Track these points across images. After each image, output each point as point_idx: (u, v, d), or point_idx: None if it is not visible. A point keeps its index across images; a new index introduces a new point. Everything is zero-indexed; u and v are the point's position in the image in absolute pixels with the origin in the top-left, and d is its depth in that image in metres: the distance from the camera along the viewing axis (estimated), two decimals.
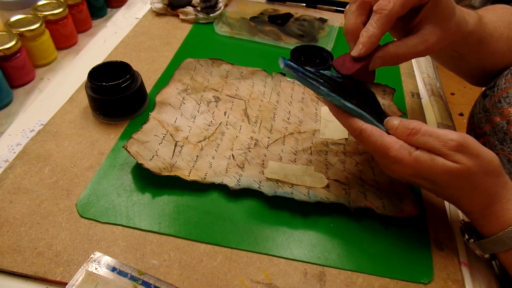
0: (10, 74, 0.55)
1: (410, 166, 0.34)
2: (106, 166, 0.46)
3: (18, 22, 0.57)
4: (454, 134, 0.33)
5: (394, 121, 0.36)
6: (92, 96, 0.49)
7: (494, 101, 0.44)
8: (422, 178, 0.35)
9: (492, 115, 0.44)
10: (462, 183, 0.34)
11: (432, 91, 0.60)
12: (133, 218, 0.41)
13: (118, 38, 0.68)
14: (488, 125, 0.44)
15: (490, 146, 0.43)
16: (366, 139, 0.36)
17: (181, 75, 0.57)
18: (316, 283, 0.37)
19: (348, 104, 0.36)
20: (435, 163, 0.33)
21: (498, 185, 0.34)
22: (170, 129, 0.49)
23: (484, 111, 0.45)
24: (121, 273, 0.35)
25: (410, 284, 0.37)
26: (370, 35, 0.36)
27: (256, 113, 0.53)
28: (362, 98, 0.39)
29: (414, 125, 0.34)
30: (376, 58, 0.38)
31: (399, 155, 0.34)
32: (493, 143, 0.43)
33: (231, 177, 0.44)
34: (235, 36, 0.70)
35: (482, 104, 0.46)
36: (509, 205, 0.34)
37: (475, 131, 0.47)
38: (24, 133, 0.49)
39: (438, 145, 0.33)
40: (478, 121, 0.46)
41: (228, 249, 0.39)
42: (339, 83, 0.39)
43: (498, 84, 0.45)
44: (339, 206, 0.42)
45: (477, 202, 0.35)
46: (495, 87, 0.45)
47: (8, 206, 0.41)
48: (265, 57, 0.66)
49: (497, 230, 0.35)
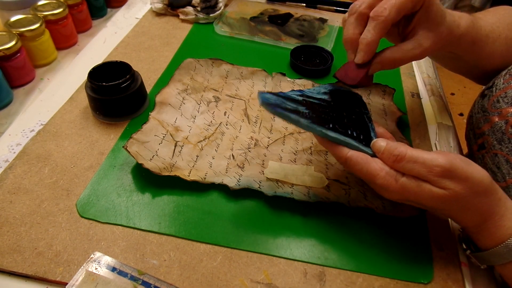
0: (10, 74, 0.55)
1: (397, 192, 0.34)
2: (106, 166, 0.46)
3: (18, 22, 0.57)
4: (441, 158, 0.32)
5: (380, 143, 0.36)
6: (92, 96, 0.49)
7: (493, 101, 0.44)
8: (410, 201, 0.36)
9: (490, 115, 0.44)
10: (451, 206, 0.34)
11: (432, 91, 0.60)
12: (133, 218, 0.41)
13: (118, 38, 0.68)
14: (487, 125, 0.44)
15: (488, 146, 0.43)
16: (352, 167, 0.36)
17: (181, 75, 0.57)
18: (316, 283, 0.37)
19: (330, 133, 0.36)
20: (421, 190, 0.33)
21: (490, 204, 0.34)
22: (170, 129, 0.49)
23: (482, 111, 0.45)
24: (121, 273, 0.35)
25: (410, 284, 0.37)
26: (369, 41, 0.39)
27: (256, 113, 0.53)
28: (348, 115, 0.39)
29: (399, 150, 0.34)
30: (374, 64, 0.41)
31: (385, 182, 0.34)
32: (492, 143, 0.43)
33: (231, 177, 0.44)
34: (235, 36, 0.70)
35: (481, 104, 0.46)
36: (502, 221, 0.34)
37: (474, 131, 0.47)
38: (24, 133, 0.49)
39: (424, 172, 0.32)
40: (477, 121, 0.46)
41: (228, 249, 0.39)
42: (323, 104, 0.39)
43: (497, 84, 0.45)
44: (339, 206, 0.42)
45: (469, 221, 0.35)
46: (494, 87, 0.45)
47: (8, 206, 0.41)
48: (265, 57, 0.66)
49: (492, 245, 0.35)
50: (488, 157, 0.43)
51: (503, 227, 0.34)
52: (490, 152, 0.43)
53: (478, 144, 0.46)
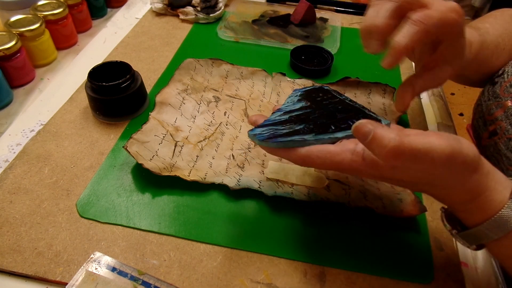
0: (10, 74, 0.55)
1: (370, 170, 0.32)
2: (106, 166, 0.46)
3: (18, 22, 0.57)
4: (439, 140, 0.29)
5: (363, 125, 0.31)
6: (92, 96, 0.49)
7: (506, 86, 0.44)
8: (388, 178, 0.33)
9: (503, 100, 0.44)
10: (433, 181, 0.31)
11: (432, 91, 0.60)
12: (133, 218, 0.41)
13: (118, 38, 0.68)
14: (500, 110, 0.44)
15: (501, 131, 0.43)
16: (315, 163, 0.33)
17: (181, 75, 0.57)
18: (316, 283, 0.37)
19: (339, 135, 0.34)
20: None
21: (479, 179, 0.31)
22: (170, 129, 0.49)
23: (494, 97, 0.45)
24: (121, 273, 0.35)
25: (410, 284, 0.37)
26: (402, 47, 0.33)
27: (256, 113, 0.53)
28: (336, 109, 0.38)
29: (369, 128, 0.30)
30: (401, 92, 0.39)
31: (353, 164, 0.31)
32: (505, 128, 0.43)
33: (231, 177, 0.44)
34: (240, 41, 0.69)
35: (492, 91, 0.46)
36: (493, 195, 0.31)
37: (484, 119, 0.46)
38: (24, 133, 0.50)
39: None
40: (488, 107, 0.46)
41: (228, 249, 0.39)
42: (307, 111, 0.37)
43: (508, 71, 0.45)
44: (339, 206, 0.42)
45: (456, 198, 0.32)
46: (505, 74, 0.45)
47: (8, 206, 0.41)
48: (265, 57, 0.66)
49: (482, 220, 0.32)
50: (501, 142, 0.43)
51: (494, 201, 0.31)
52: (503, 137, 0.43)
53: (489, 131, 0.45)
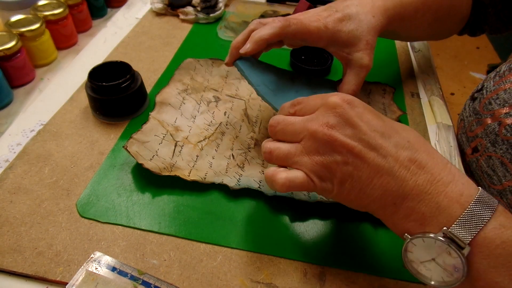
0: (10, 74, 0.55)
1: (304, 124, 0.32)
2: (106, 166, 0.46)
3: (18, 22, 0.57)
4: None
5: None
6: (92, 96, 0.49)
7: (484, 103, 0.44)
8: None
9: (483, 117, 0.44)
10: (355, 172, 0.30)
11: (432, 91, 0.60)
12: (133, 218, 0.41)
13: (118, 38, 0.68)
14: (480, 127, 0.44)
15: (482, 148, 0.43)
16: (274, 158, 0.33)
17: (181, 75, 0.57)
18: (316, 283, 0.37)
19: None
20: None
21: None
22: (170, 129, 0.49)
23: (474, 114, 0.45)
24: (121, 273, 0.35)
25: (410, 284, 0.37)
26: (247, 50, 0.44)
27: (256, 113, 0.53)
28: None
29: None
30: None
31: (288, 120, 0.33)
32: (485, 146, 0.43)
33: (231, 177, 0.44)
34: None
35: (472, 107, 0.46)
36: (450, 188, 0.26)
37: (466, 135, 0.47)
38: (24, 133, 0.50)
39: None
40: (469, 124, 0.46)
41: (228, 249, 0.39)
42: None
43: (487, 87, 0.45)
44: (339, 206, 0.42)
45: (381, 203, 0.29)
46: (484, 89, 0.45)
47: (8, 206, 0.41)
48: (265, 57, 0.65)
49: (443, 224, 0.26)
50: (483, 160, 0.43)
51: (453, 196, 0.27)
52: (484, 154, 0.43)
53: (471, 148, 0.45)
